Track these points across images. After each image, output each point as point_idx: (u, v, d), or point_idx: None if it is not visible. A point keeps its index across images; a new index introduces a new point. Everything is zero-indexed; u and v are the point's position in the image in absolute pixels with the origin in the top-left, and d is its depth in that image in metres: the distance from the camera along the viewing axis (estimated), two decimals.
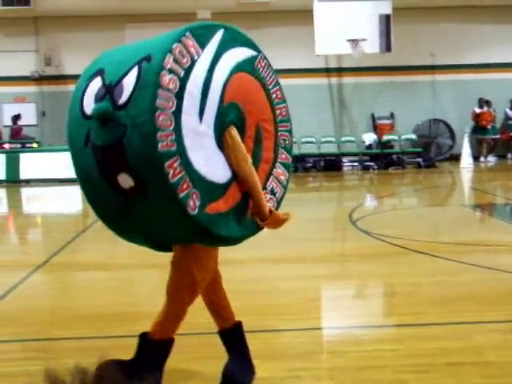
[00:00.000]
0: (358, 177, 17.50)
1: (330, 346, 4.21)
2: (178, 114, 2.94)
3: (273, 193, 3.43)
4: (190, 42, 3.04)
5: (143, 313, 4.81)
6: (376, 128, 19.32)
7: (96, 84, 3.05)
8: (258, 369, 3.50)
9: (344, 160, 18.61)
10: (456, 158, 18.57)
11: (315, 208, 11.59)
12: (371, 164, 18.29)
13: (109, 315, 4.75)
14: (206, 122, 3.07)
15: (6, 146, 17.33)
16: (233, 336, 3.52)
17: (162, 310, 3.24)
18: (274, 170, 3.46)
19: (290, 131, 3.58)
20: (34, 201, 14.61)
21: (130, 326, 4.44)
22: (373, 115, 19.58)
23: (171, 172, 2.88)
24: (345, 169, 18.41)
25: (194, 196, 2.96)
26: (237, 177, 3.18)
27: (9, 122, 18.75)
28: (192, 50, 3.04)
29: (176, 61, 2.95)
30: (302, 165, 18.06)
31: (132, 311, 4.90)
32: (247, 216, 3.25)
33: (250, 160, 3.21)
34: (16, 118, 18.44)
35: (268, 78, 3.44)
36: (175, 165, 2.91)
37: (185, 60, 2.99)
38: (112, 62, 3.11)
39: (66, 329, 4.05)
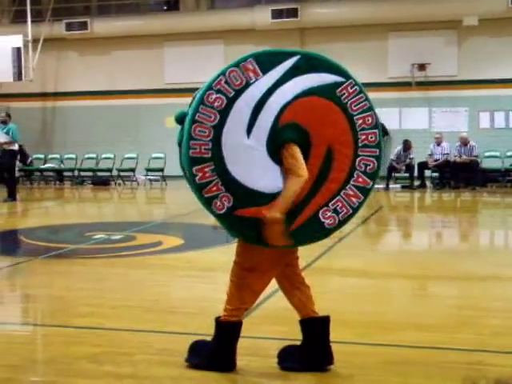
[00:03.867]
0: None
1: None
2: (219, 127, 3.41)
3: (336, 211, 3.59)
4: (251, 66, 3.47)
5: (400, 323, 4.84)
6: None
7: None
8: None
9: None
10: None
11: None
12: None
13: (368, 322, 4.84)
14: (255, 137, 3.43)
15: None
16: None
17: None
18: (344, 191, 3.59)
19: (377, 157, 3.63)
20: None
21: (390, 335, 4.53)
22: None
23: (199, 175, 3.43)
24: None
25: (224, 198, 3.45)
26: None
27: None
28: (250, 73, 3.46)
29: (227, 82, 3.43)
30: None
31: (390, 320, 4.94)
32: (292, 227, 3.48)
33: (303, 174, 3.36)
34: None
35: (354, 104, 3.57)
36: (206, 169, 3.44)
37: (238, 82, 3.43)
38: None
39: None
